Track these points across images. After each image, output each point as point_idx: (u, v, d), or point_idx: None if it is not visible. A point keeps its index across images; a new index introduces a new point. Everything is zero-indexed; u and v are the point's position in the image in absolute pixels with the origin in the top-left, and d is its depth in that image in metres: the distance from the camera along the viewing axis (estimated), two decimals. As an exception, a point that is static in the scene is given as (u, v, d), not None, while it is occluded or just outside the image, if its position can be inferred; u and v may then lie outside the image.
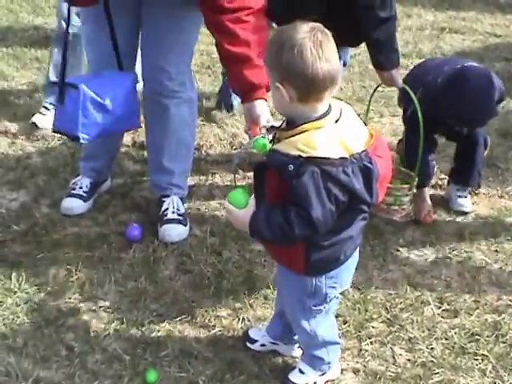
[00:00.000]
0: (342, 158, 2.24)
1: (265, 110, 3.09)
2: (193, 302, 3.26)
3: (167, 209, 3.73)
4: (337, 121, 2.32)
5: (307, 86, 2.25)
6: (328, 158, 2.22)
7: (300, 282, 2.58)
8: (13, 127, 4.74)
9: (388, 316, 3.23)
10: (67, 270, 3.44)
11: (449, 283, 3.47)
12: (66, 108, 3.28)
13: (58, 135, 4.58)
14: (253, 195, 2.46)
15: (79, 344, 3.02)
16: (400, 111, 4.99)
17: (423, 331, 3.16)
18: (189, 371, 2.90)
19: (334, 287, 2.61)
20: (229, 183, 4.20)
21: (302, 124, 2.29)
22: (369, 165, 2.30)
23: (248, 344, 3.01)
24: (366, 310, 3.24)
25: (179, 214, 3.73)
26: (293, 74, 2.24)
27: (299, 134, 2.27)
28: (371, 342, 3.08)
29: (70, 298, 3.27)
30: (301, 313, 2.67)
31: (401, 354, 3.04)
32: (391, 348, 3.07)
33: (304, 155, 2.22)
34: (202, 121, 4.80)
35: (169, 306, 3.24)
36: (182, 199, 3.83)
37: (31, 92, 5.25)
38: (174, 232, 3.67)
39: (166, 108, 3.60)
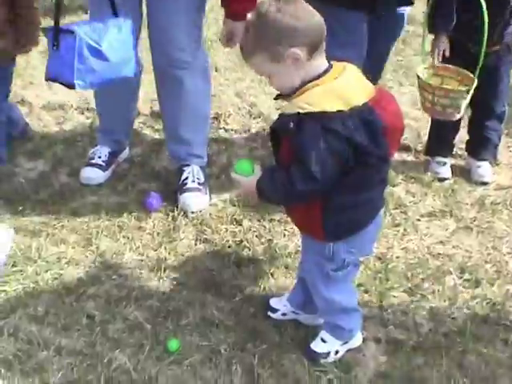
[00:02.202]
0: (339, 111, 2.23)
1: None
2: (213, 271, 3.25)
3: (187, 178, 3.71)
4: (336, 77, 2.31)
5: (310, 36, 2.26)
6: (325, 112, 2.22)
7: (318, 247, 2.57)
8: (29, 96, 4.72)
9: (409, 285, 3.21)
10: (87, 238, 3.43)
11: (470, 253, 3.45)
12: (60, 54, 3.14)
13: (75, 105, 4.59)
14: (258, 164, 2.46)
15: (100, 313, 3.01)
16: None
17: (445, 301, 3.14)
18: (210, 340, 2.89)
19: (351, 252, 2.60)
20: (248, 152, 4.17)
21: (303, 86, 2.30)
22: (370, 117, 2.27)
23: (269, 313, 3.00)
24: (388, 280, 3.22)
25: (199, 183, 3.71)
26: (293, 33, 2.24)
27: (301, 94, 2.29)
28: (393, 312, 3.07)
29: (90, 267, 3.26)
30: (319, 278, 2.66)
31: (422, 324, 3.03)
32: (413, 317, 3.05)
33: (302, 111, 2.24)
34: (220, 90, 4.77)
35: (189, 274, 3.23)
36: (202, 168, 3.81)
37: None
38: (194, 201, 3.64)
39: (179, 79, 3.56)
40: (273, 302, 3.02)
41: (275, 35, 2.26)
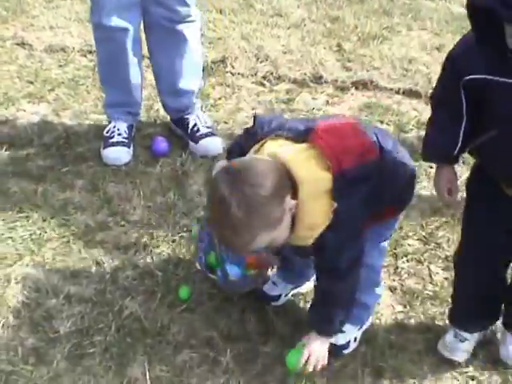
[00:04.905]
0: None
1: None
2: (224, 217, 3.18)
3: (195, 124, 3.60)
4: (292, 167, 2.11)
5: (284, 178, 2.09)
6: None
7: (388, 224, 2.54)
8: (30, 39, 4.60)
9: (424, 234, 3.15)
10: (93, 184, 3.36)
11: (484, 201, 3.38)
12: None
13: (77, 47, 4.48)
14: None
15: (109, 259, 2.96)
16: (429, 24, 4.85)
17: (460, 249, 3.08)
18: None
19: None
20: (255, 96, 4.07)
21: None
22: None
23: (273, 303, 2.81)
24: (401, 228, 3.15)
25: (208, 127, 3.62)
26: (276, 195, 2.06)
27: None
28: (407, 260, 3.02)
29: (97, 213, 3.20)
30: (376, 247, 2.53)
31: (438, 273, 2.98)
32: (428, 266, 3.00)
33: (316, 236, 2.17)
34: (225, 33, 4.65)
35: (199, 221, 3.17)
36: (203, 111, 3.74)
37: (48, 1, 5.08)
38: (214, 145, 3.56)
39: (179, 33, 3.43)
40: (269, 291, 2.82)
41: (266, 209, 2.03)
